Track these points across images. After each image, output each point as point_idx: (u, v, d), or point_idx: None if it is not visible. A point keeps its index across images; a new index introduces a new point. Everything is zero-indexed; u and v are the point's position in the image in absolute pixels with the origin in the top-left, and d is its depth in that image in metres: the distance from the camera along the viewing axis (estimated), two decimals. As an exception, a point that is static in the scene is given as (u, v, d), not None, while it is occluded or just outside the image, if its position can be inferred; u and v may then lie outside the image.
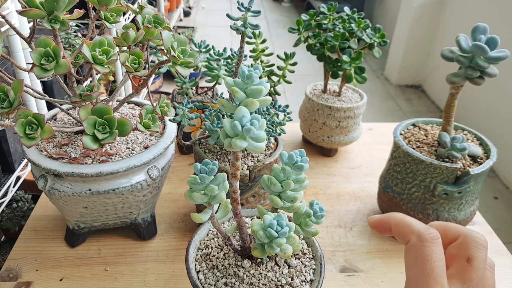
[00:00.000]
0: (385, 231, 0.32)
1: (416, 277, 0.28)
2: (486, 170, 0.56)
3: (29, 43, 0.47)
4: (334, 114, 0.77)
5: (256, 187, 0.55)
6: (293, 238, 0.35)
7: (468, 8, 2.32)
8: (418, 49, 2.76)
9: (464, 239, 0.30)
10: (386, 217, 0.32)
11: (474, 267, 0.28)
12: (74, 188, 0.50)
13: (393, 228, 0.31)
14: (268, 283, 0.38)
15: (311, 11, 0.77)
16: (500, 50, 0.51)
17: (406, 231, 0.30)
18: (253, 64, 0.33)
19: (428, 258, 0.28)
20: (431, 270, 0.27)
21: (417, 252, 0.28)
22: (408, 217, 0.31)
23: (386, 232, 0.32)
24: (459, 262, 0.29)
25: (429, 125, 0.66)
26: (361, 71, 0.74)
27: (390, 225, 0.32)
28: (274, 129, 0.57)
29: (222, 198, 0.36)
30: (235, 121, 0.30)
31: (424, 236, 0.29)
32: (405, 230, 0.30)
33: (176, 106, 0.55)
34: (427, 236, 0.29)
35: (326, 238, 0.64)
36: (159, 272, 0.57)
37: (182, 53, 0.44)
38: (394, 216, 0.32)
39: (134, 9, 0.50)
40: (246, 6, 0.50)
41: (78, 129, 0.52)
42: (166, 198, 0.71)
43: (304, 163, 0.37)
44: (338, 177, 0.80)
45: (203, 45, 0.71)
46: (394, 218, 0.32)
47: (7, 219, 0.85)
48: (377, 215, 0.33)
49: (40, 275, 0.55)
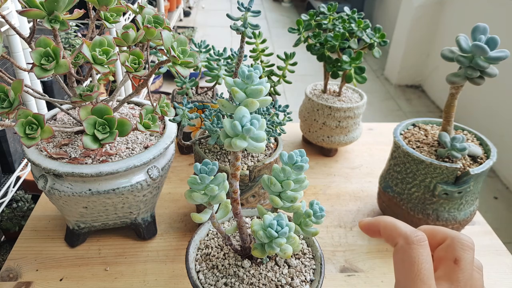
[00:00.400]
0: (374, 234, 0.33)
1: (404, 279, 0.28)
2: (486, 170, 0.56)
3: (29, 43, 0.47)
4: (334, 114, 0.77)
5: (256, 187, 0.55)
6: (293, 238, 0.35)
7: (468, 8, 2.32)
8: (418, 49, 2.76)
9: (451, 241, 0.30)
10: (375, 220, 0.33)
11: (461, 268, 0.28)
12: (74, 188, 0.50)
13: (382, 231, 0.32)
14: (268, 283, 0.38)
15: (311, 11, 0.77)
16: (500, 50, 0.51)
17: (393, 234, 0.31)
18: (253, 64, 0.33)
19: (415, 260, 0.28)
20: (418, 271, 0.28)
21: (404, 254, 0.29)
22: (396, 220, 0.32)
23: (375, 235, 0.33)
24: (446, 263, 0.29)
25: (429, 125, 0.66)
26: (361, 71, 0.74)
27: (379, 228, 0.32)
28: (274, 129, 0.57)
29: (222, 198, 0.36)
30: (235, 121, 0.30)
31: (411, 238, 0.29)
32: (393, 233, 0.31)
33: (176, 106, 0.55)
34: (414, 239, 0.29)
35: (326, 238, 0.64)
36: (159, 272, 0.57)
37: (182, 53, 0.44)
38: (383, 220, 0.32)
39: (134, 9, 0.50)
40: (246, 6, 0.50)
41: (78, 129, 0.52)
42: (166, 198, 0.71)
43: (304, 163, 0.37)
44: (338, 177, 0.80)
45: (203, 45, 0.71)
46: (383, 222, 0.32)
47: (7, 219, 0.85)
48: (367, 218, 0.34)
49: (40, 275, 0.55)
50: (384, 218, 0.32)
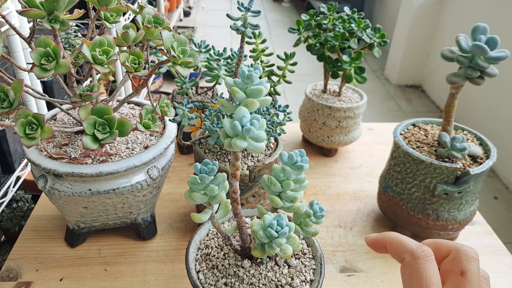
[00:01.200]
0: (381, 250, 0.33)
1: None
2: (486, 170, 0.56)
3: (29, 43, 0.47)
4: (334, 114, 0.77)
5: (256, 187, 0.55)
6: (293, 238, 0.35)
7: (468, 8, 2.32)
8: (418, 49, 2.76)
9: (456, 253, 0.30)
10: (381, 236, 0.33)
11: (468, 280, 0.29)
12: (74, 188, 0.50)
13: (388, 247, 0.32)
14: (268, 283, 0.38)
15: (311, 11, 0.77)
16: (500, 50, 0.51)
17: (400, 250, 0.31)
18: (253, 64, 0.33)
19: (423, 275, 0.28)
20: (426, 286, 0.28)
21: (411, 270, 0.29)
22: (402, 236, 0.32)
23: (382, 250, 0.33)
24: (453, 276, 0.30)
25: (429, 125, 0.66)
26: (361, 71, 0.74)
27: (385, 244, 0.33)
28: (274, 129, 0.57)
29: (222, 198, 0.36)
30: (235, 121, 0.30)
31: (417, 253, 0.30)
32: (399, 249, 0.31)
33: (176, 106, 0.55)
34: (420, 254, 0.30)
35: (326, 238, 0.64)
36: (159, 272, 0.57)
37: (182, 53, 0.44)
38: (389, 236, 0.33)
39: (134, 9, 0.50)
40: (246, 6, 0.50)
41: (78, 129, 0.52)
42: (166, 198, 0.71)
43: (304, 163, 0.37)
44: (338, 177, 0.80)
45: (203, 45, 0.71)
46: (389, 238, 0.33)
47: (7, 219, 0.85)
48: (374, 234, 0.34)
49: (40, 275, 0.55)
50: (390, 234, 0.33)
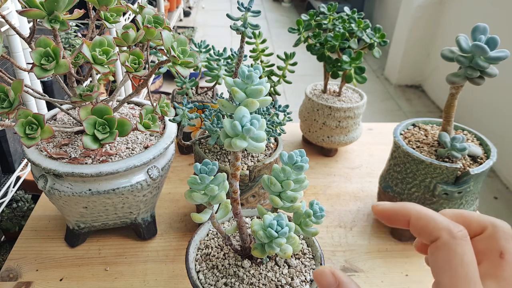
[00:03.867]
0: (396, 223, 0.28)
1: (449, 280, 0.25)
2: (486, 170, 0.56)
3: (29, 43, 0.47)
4: (334, 114, 0.77)
5: (256, 187, 0.55)
6: (293, 238, 0.35)
7: (468, 8, 2.32)
8: (418, 49, 2.76)
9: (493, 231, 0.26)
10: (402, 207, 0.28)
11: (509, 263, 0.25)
12: (74, 188, 0.50)
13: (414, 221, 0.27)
14: (268, 283, 0.38)
15: (311, 11, 0.77)
16: (500, 50, 0.51)
17: (432, 227, 0.26)
18: (253, 64, 0.33)
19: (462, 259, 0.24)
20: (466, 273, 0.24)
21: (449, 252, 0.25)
22: (429, 210, 0.27)
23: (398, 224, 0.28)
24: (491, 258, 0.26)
25: (429, 125, 0.66)
26: (361, 71, 0.74)
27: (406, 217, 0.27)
28: (274, 129, 0.57)
29: (222, 198, 0.36)
30: (235, 121, 0.30)
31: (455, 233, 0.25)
32: (431, 226, 0.26)
33: (176, 106, 0.55)
34: (458, 234, 0.25)
35: (326, 238, 0.64)
36: (159, 272, 0.57)
37: (182, 53, 0.44)
38: (414, 208, 0.27)
39: (134, 9, 0.50)
40: (246, 6, 0.50)
41: (78, 129, 0.52)
42: (166, 198, 0.71)
43: (304, 163, 0.37)
44: (338, 177, 0.80)
45: (203, 45, 0.71)
46: (415, 211, 0.27)
47: (7, 219, 0.85)
48: (387, 203, 0.29)
49: (40, 275, 0.55)
50: (415, 206, 0.27)
